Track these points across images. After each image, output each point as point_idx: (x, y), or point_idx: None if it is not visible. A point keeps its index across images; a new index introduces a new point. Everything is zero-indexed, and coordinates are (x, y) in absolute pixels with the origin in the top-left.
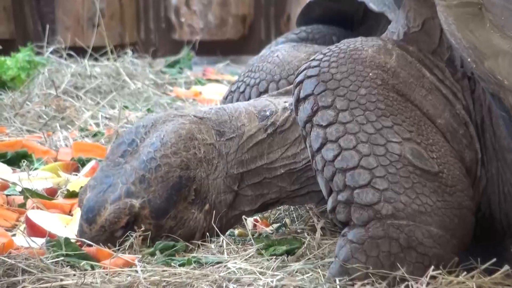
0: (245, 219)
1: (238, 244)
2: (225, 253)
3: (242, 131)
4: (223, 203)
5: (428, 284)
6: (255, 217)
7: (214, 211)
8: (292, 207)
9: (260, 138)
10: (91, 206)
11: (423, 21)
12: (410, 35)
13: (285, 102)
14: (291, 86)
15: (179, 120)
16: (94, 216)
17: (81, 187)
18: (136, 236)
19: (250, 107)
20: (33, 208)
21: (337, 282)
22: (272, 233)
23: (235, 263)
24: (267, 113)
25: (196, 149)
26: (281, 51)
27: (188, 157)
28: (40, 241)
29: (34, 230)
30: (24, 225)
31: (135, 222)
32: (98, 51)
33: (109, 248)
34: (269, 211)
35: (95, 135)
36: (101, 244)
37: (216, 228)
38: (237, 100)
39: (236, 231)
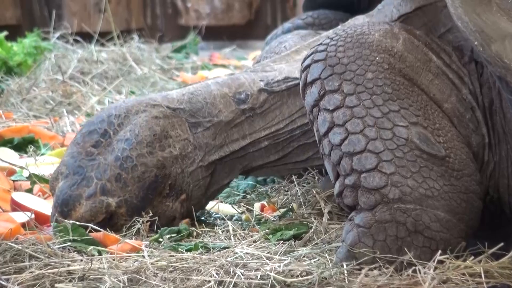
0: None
1: (245, 229)
2: (232, 238)
3: (219, 119)
4: (202, 187)
5: (435, 268)
6: (262, 202)
7: (191, 197)
8: (299, 191)
9: (238, 121)
10: (65, 199)
11: (418, 5)
12: (402, 16)
13: (260, 80)
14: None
15: (152, 112)
16: (69, 211)
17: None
18: (143, 222)
19: (224, 88)
20: (39, 194)
21: (345, 266)
22: (279, 218)
23: (242, 248)
24: (242, 96)
25: (171, 147)
26: (288, 42)
27: (164, 155)
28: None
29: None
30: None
31: (110, 218)
32: (105, 37)
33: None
34: (277, 196)
35: None
36: None
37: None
38: None
39: (243, 216)
